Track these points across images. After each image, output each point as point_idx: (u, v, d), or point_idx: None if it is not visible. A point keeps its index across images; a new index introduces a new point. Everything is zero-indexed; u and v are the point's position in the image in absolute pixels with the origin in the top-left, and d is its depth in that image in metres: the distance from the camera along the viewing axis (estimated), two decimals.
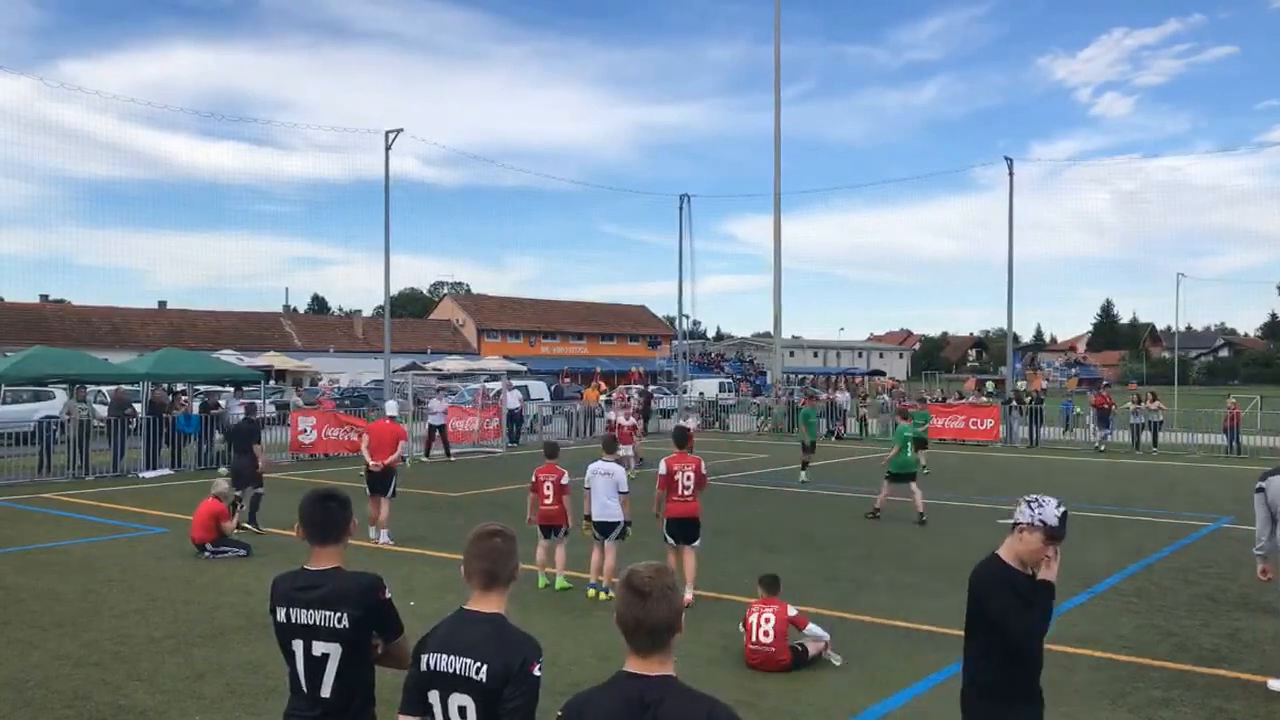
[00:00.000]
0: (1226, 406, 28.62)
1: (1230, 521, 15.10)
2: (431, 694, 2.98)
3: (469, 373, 42.55)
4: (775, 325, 41.64)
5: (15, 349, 31.92)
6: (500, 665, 2.90)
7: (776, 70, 39.48)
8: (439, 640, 3.04)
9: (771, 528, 14.49)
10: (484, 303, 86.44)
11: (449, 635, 3.03)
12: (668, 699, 2.46)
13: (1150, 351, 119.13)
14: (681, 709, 2.46)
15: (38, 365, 22.30)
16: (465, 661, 2.93)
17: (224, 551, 12.09)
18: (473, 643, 2.96)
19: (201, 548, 12.10)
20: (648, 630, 2.51)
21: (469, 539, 3.17)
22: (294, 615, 3.44)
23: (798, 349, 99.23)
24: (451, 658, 2.95)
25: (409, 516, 15.47)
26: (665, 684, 2.50)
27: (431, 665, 2.99)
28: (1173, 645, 8.34)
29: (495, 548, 3.11)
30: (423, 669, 3.01)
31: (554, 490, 10.24)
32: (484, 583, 3.08)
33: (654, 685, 2.48)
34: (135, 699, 6.93)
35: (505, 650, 2.93)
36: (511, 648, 2.95)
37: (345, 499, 3.63)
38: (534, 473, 10.48)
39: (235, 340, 58.86)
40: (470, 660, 2.92)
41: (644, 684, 2.49)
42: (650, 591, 2.52)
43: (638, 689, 2.48)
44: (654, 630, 2.51)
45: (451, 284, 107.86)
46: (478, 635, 2.98)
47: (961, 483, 20.00)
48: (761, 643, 7.60)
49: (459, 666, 2.93)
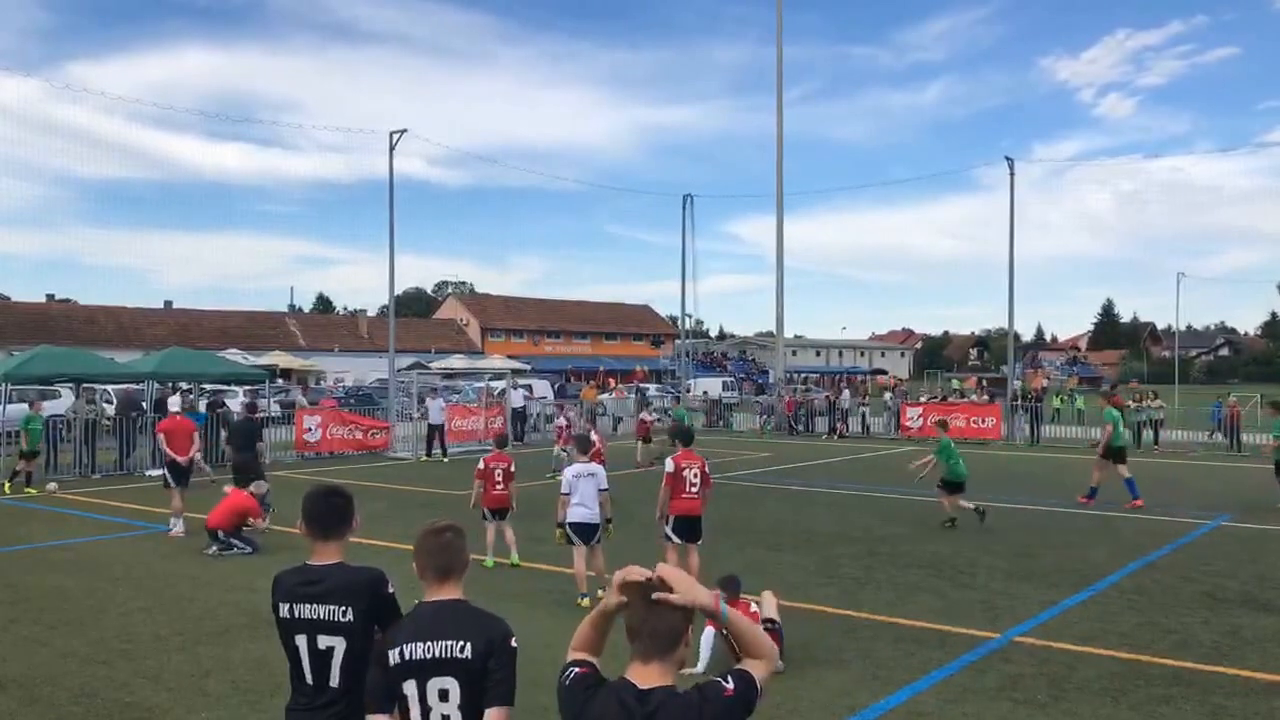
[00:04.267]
0: (1226, 405, 28.62)
1: (1230, 519, 15.11)
2: (407, 684, 3.04)
3: (472, 372, 42.66)
4: (778, 325, 41.70)
5: (22, 348, 32.00)
6: (483, 641, 3.02)
7: (779, 71, 39.51)
8: (409, 632, 3.10)
9: (773, 526, 14.52)
10: (488, 302, 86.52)
11: (419, 625, 3.11)
12: (664, 706, 2.41)
13: (1150, 350, 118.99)
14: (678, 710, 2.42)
15: (44, 365, 22.37)
16: (447, 644, 3.02)
17: (231, 550, 12.16)
18: (449, 626, 3.06)
19: (214, 535, 12.17)
20: (649, 635, 2.49)
21: (419, 537, 3.27)
22: (298, 610, 3.46)
23: (800, 348, 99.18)
24: (430, 643, 3.03)
25: (411, 515, 15.54)
26: (662, 693, 2.44)
27: (406, 655, 3.04)
28: (1173, 643, 8.37)
29: (449, 543, 3.23)
30: (394, 662, 3.06)
31: (503, 476, 11.20)
32: (439, 576, 3.20)
33: (650, 695, 2.43)
34: (141, 696, 6.98)
35: (485, 627, 3.07)
36: (489, 624, 3.09)
37: (347, 494, 3.66)
38: (483, 460, 11.40)
39: (241, 340, 58.90)
40: (452, 641, 3.02)
41: (640, 694, 2.44)
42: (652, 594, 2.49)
43: (633, 697, 2.44)
44: (654, 635, 2.49)
45: (456, 284, 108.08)
46: (451, 618, 3.09)
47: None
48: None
49: (440, 650, 3.02)
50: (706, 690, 2.46)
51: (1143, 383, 43.89)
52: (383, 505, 16.16)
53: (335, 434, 25.34)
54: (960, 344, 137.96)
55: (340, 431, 25.49)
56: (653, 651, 2.49)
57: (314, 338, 69.31)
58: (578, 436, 11.79)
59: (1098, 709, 6.72)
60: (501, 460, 11.32)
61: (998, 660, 7.82)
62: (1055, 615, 9.30)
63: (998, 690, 7.06)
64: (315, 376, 53.48)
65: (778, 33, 39.77)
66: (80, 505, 16.64)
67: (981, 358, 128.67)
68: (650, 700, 2.43)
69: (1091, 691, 7.06)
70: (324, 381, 52.26)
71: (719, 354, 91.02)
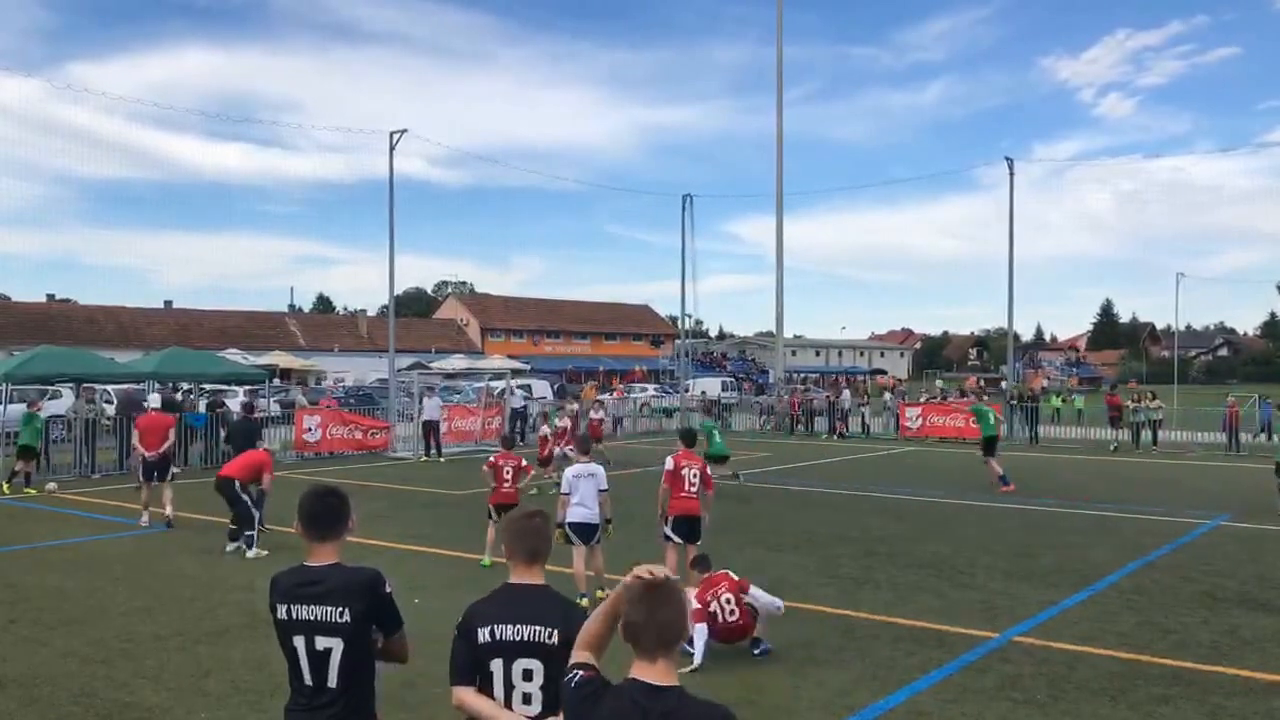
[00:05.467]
0: (1226, 404, 28.63)
1: (1229, 519, 15.12)
2: (494, 663, 3.21)
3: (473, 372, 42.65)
4: (778, 325, 41.75)
5: (22, 348, 32.01)
6: (568, 628, 3.14)
7: (779, 71, 39.54)
8: (497, 613, 3.26)
9: (773, 526, 14.53)
10: (488, 302, 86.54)
11: (507, 607, 3.27)
12: (677, 710, 2.43)
13: (1150, 351, 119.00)
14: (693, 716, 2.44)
15: (44, 364, 22.36)
16: (536, 629, 3.21)
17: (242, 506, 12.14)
18: (537, 612, 3.25)
19: (229, 483, 12.13)
20: (656, 628, 2.50)
21: (509, 522, 3.53)
22: (295, 612, 3.45)
23: (800, 348, 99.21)
24: (519, 626, 3.22)
25: (412, 515, 15.56)
26: (672, 694, 2.46)
27: (496, 636, 3.22)
28: (1172, 642, 8.37)
29: (538, 527, 3.45)
30: (481, 640, 3.22)
31: (513, 474, 11.33)
32: (528, 559, 3.39)
33: (661, 695, 2.45)
34: (141, 696, 6.98)
35: (570, 615, 3.25)
36: (574, 613, 3.28)
37: (344, 495, 3.65)
38: (493, 456, 11.59)
39: (241, 339, 58.92)
40: (541, 627, 3.22)
41: (651, 692, 2.46)
42: (656, 589, 2.53)
43: (645, 696, 2.45)
44: (660, 628, 2.50)
45: (456, 283, 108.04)
46: (539, 604, 3.27)
47: (963, 481, 20.03)
48: (729, 621, 7.88)
49: (529, 634, 3.21)
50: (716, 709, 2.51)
51: (1141, 383, 43.91)
52: (383, 505, 16.17)
53: (335, 434, 25.36)
54: (960, 344, 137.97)
55: (340, 431, 25.51)
56: (659, 648, 2.51)
57: (314, 338, 69.31)
58: (579, 437, 11.80)
59: (1097, 709, 6.72)
60: (511, 458, 11.43)
61: (997, 660, 7.82)
62: (1054, 615, 9.30)
63: (997, 690, 7.06)
64: (315, 376, 53.44)
65: (778, 33, 39.87)
66: (80, 505, 16.64)
67: (981, 358, 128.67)
68: (664, 698, 2.44)
69: (1090, 691, 7.06)
70: (324, 381, 52.24)
71: (719, 354, 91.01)
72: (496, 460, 11.42)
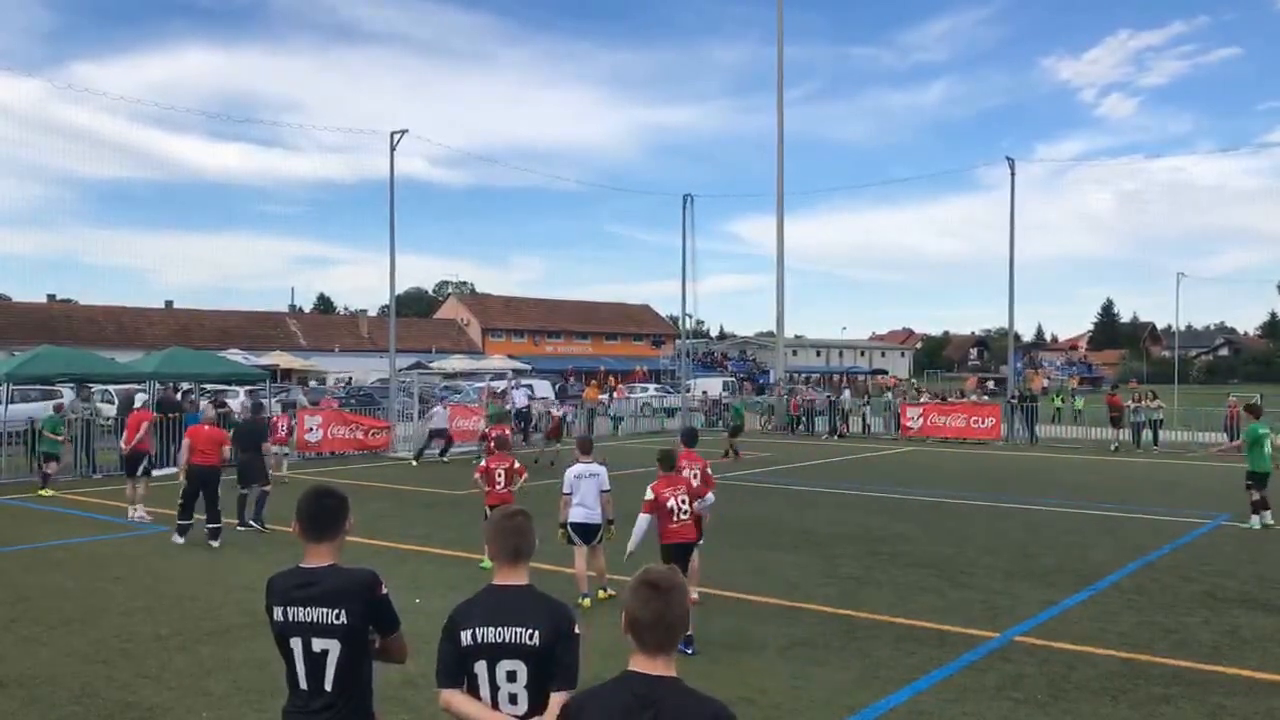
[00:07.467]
0: (1226, 404, 28.61)
1: (1230, 519, 15.12)
2: (478, 664, 3.21)
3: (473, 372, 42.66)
4: (778, 324, 41.71)
5: (23, 348, 32.00)
6: (550, 629, 3.19)
7: (779, 71, 39.51)
8: (481, 615, 3.25)
9: (773, 525, 14.53)
10: (488, 302, 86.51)
11: (490, 609, 3.26)
12: (671, 699, 2.48)
13: (1150, 350, 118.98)
14: (685, 709, 2.47)
15: (45, 364, 22.35)
16: (517, 630, 3.20)
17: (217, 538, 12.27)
18: (519, 612, 3.23)
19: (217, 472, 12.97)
20: (665, 627, 2.54)
21: (493, 520, 3.48)
22: (292, 613, 3.43)
23: (800, 348, 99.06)
24: (500, 628, 3.20)
25: (412, 515, 15.56)
26: (670, 684, 2.51)
27: (478, 638, 3.21)
28: (1173, 642, 8.38)
29: (520, 525, 3.40)
30: (465, 643, 3.22)
31: (505, 476, 11.34)
32: (511, 559, 3.35)
33: (659, 685, 2.50)
34: (142, 696, 6.99)
35: (552, 615, 3.24)
36: (557, 612, 3.26)
37: (341, 495, 3.62)
38: (485, 460, 11.82)
39: (241, 340, 58.89)
40: (522, 628, 3.20)
41: (649, 683, 2.50)
42: (667, 588, 2.56)
43: (643, 687, 2.50)
44: (669, 627, 2.54)
45: (456, 283, 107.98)
46: (521, 605, 3.25)
47: (963, 480, 20.04)
48: (682, 519, 8.26)
49: (510, 635, 3.19)
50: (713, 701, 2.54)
51: (1142, 383, 43.84)
52: (383, 505, 16.17)
53: (336, 434, 25.37)
54: (960, 344, 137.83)
55: (341, 431, 25.51)
56: (665, 643, 2.55)
57: (314, 338, 69.26)
58: (580, 437, 11.79)
59: (1097, 708, 6.73)
60: (503, 460, 11.45)
61: (998, 660, 7.82)
62: (1055, 615, 9.30)
63: (998, 690, 7.07)
64: (316, 376, 53.40)
65: (778, 33, 39.82)
66: (80, 505, 16.65)
67: (981, 358, 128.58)
68: (662, 688, 2.50)
69: (1091, 691, 7.07)
70: (325, 381, 52.21)
71: (719, 354, 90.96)
72: (489, 465, 11.48)
